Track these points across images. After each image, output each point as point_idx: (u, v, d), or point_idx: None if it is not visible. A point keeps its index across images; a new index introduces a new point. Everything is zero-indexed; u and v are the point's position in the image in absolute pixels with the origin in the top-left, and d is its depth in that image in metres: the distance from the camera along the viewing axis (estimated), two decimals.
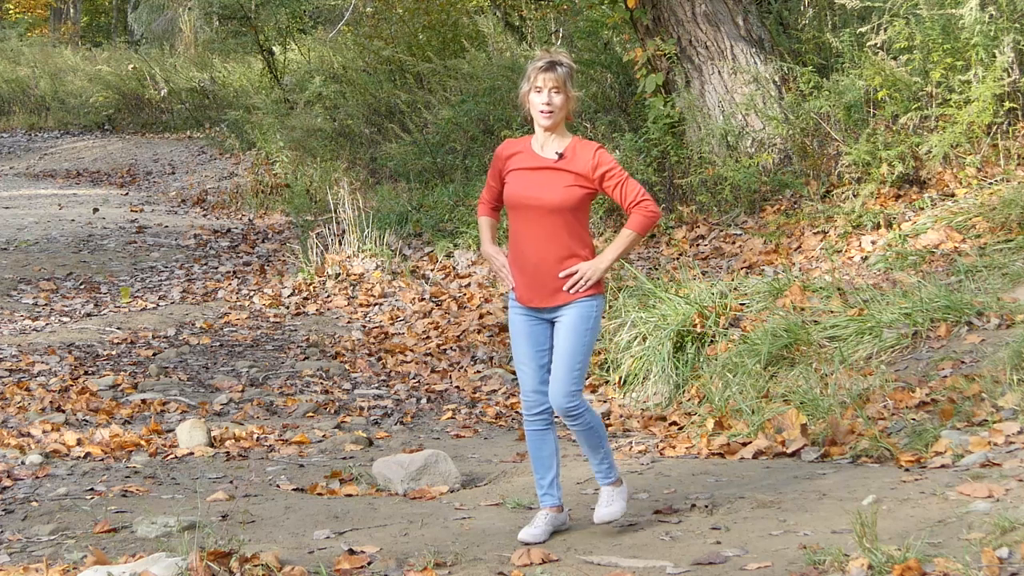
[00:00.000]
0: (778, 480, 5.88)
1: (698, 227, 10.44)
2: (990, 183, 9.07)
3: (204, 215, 16.75)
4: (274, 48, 20.61)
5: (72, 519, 5.65)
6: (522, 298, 5.23)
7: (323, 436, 7.38)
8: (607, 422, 7.75)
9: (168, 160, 21.43)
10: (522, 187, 5.19)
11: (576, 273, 5.14)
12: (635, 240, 5.21)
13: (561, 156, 5.17)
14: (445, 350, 9.67)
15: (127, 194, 18.98)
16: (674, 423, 7.45)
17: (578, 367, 5.16)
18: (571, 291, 5.14)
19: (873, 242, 8.97)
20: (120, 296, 11.69)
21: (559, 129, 5.21)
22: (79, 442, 7.02)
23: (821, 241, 9.33)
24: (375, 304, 11.12)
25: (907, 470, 5.81)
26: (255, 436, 7.30)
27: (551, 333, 5.22)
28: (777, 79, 10.56)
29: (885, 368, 6.96)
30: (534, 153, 5.22)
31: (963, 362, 6.78)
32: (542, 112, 5.15)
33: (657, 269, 9.71)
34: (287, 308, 11.24)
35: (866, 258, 8.80)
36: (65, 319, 10.80)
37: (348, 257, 11.87)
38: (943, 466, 5.77)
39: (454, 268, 11.52)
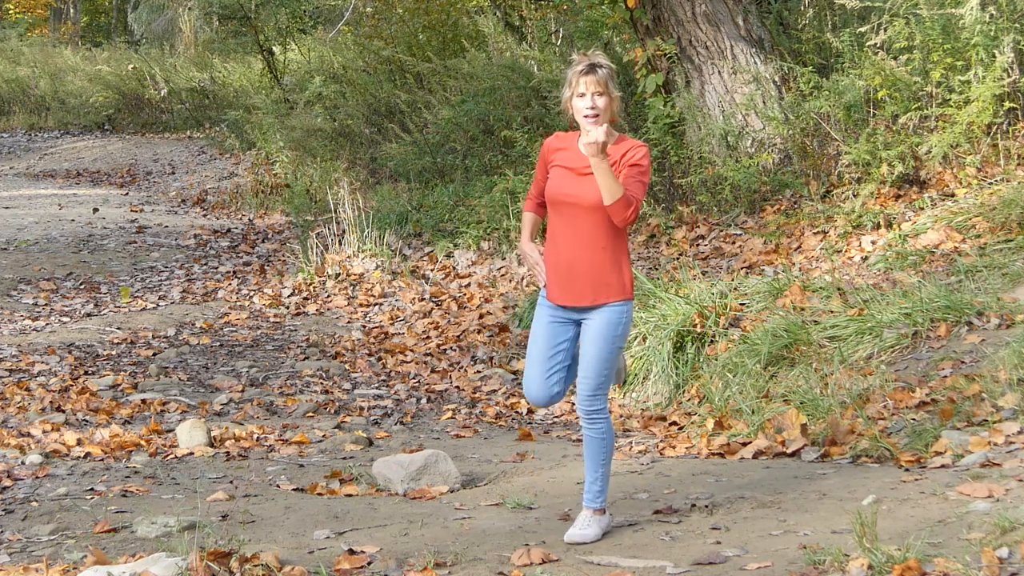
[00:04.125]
0: (778, 480, 5.88)
1: (698, 227, 10.44)
2: (990, 183, 9.07)
3: (204, 215, 16.75)
4: (274, 48, 20.62)
5: (72, 519, 5.64)
6: (552, 296, 5.18)
7: (323, 436, 7.37)
8: None
9: (168, 160, 21.43)
10: (562, 184, 5.11)
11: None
12: (618, 191, 4.95)
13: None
14: (445, 350, 9.67)
15: (127, 194, 18.98)
16: (674, 423, 7.45)
17: (605, 372, 5.13)
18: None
19: (873, 242, 8.97)
20: (120, 296, 11.69)
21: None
22: (79, 442, 7.02)
23: (821, 241, 9.33)
24: (375, 304, 11.12)
25: (907, 470, 5.81)
26: (255, 436, 7.30)
27: (574, 334, 5.19)
28: (777, 79, 10.56)
29: (885, 368, 6.96)
30: (579, 152, 5.12)
31: (963, 362, 6.77)
32: (587, 117, 5.02)
33: (657, 269, 9.72)
34: (287, 308, 11.24)
35: (866, 258, 8.80)
36: (65, 319, 10.80)
37: (348, 257, 11.87)
38: (943, 466, 5.76)
39: (454, 268, 11.52)
